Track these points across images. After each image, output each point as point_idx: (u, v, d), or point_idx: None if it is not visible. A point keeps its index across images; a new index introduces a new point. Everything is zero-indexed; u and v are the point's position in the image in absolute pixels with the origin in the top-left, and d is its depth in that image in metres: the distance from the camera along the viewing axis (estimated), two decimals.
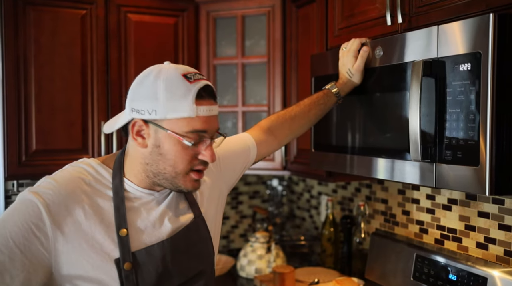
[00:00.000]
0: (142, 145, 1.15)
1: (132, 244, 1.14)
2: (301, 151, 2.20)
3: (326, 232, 2.44)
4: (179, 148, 1.14)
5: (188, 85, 1.12)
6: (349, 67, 1.61)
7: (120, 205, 1.15)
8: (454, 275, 1.64)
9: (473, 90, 1.21)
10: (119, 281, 1.11)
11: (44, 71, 2.14)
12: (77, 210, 1.10)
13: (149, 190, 1.21)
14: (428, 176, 1.35)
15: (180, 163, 1.15)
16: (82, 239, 1.10)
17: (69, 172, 1.16)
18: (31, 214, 1.06)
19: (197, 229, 1.27)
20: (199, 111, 1.12)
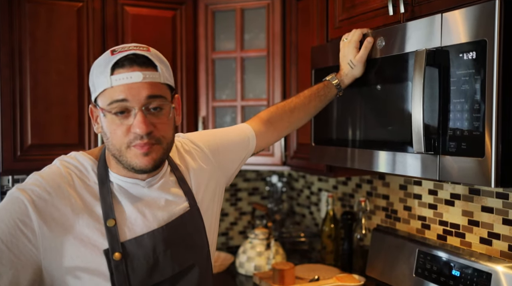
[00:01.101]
0: (98, 129, 1.16)
1: (121, 234, 1.12)
2: (301, 145, 2.16)
3: (327, 228, 2.40)
4: (109, 123, 1.10)
5: (110, 57, 1.10)
6: (350, 58, 1.58)
7: (106, 196, 1.13)
8: (457, 271, 1.61)
9: (478, 79, 1.18)
10: (109, 273, 1.08)
11: (40, 64, 2.10)
12: (64, 205, 1.08)
13: (132, 178, 1.18)
14: (431, 168, 1.31)
15: (115, 138, 1.10)
16: (70, 234, 1.08)
17: (56, 167, 1.15)
18: (17, 210, 1.04)
19: (192, 219, 1.24)
20: (115, 80, 1.07)
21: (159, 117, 1.12)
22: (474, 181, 1.19)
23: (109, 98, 1.08)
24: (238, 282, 2.29)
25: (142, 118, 1.08)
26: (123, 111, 1.09)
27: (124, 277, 1.09)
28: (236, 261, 2.43)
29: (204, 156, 1.38)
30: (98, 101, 1.12)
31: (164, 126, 1.14)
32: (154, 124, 1.11)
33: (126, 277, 1.09)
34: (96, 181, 1.15)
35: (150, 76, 1.10)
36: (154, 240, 1.15)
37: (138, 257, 1.12)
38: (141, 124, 1.07)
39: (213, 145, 1.42)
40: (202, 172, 1.34)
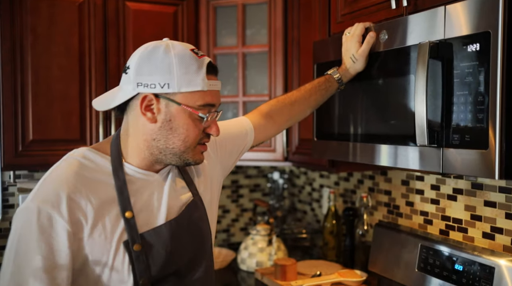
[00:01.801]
0: (151, 120, 1.15)
1: (139, 225, 1.14)
2: (303, 140, 2.16)
3: (328, 224, 2.40)
4: (190, 121, 1.15)
5: (198, 60, 1.14)
6: (353, 53, 1.58)
7: (123, 188, 1.14)
8: (460, 265, 1.60)
9: (482, 71, 1.17)
10: (129, 263, 1.11)
11: (41, 60, 2.09)
12: (82, 204, 1.09)
13: (148, 171, 1.21)
14: (435, 161, 1.31)
15: (190, 137, 1.17)
16: (92, 230, 1.09)
17: (65, 168, 1.14)
18: (44, 222, 1.05)
19: (196, 208, 1.27)
20: (209, 85, 1.15)
21: None
22: (478, 173, 1.19)
23: (202, 100, 1.15)
24: (240, 278, 2.29)
25: (217, 123, 1.21)
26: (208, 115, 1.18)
27: (144, 267, 1.12)
28: (238, 257, 2.42)
29: None
30: (175, 97, 1.13)
31: None
32: None
33: (147, 267, 1.13)
34: (109, 174, 1.15)
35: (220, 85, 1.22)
36: (171, 230, 1.18)
37: (157, 247, 1.15)
38: (218, 129, 1.21)
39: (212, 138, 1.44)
40: (201, 165, 1.36)
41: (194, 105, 1.14)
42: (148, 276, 1.12)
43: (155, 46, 1.14)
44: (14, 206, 2.35)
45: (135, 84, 1.13)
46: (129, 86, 1.15)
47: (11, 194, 2.35)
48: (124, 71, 1.17)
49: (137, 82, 1.13)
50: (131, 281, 1.11)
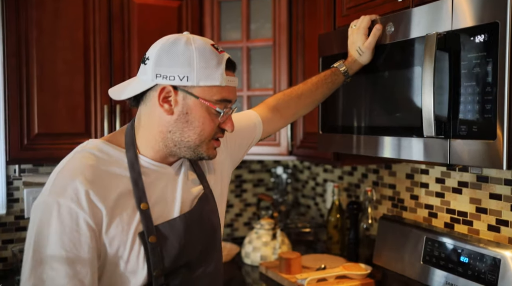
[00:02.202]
0: (168, 111, 1.15)
1: (154, 217, 1.15)
2: (308, 134, 2.16)
3: (333, 218, 2.41)
4: (207, 115, 1.16)
5: (218, 55, 1.15)
6: (359, 45, 1.58)
7: (138, 179, 1.15)
8: (466, 257, 1.61)
9: (490, 62, 1.17)
10: (144, 255, 1.12)
11: (46, 53, 2.10)
12: (100, 197, 1.08)
13: (162, 163, 1.21)
14: (442, 152, 1.31)
15: (206, 130, 1.18)
16: (109, 222, 1.09)
17: (79, 161, 1.13)
18: (66, 216, 1.05)
19: (207, 201, 1.29)
20: (228, 81, 1.16)
21: None
22: (485, 164, 1.19)
23: (219, 95, 1.16)
24: (244, 272, 2.30)
25: (232, 119, 1.22)
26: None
27: (159, 259, 1.13)
28: (242, 251, 2.43)
29: None
30: (194, 90, 1.14)
31: None
32: None
33: (161, 259, 1.13)
34: (124, 166, 1.15)
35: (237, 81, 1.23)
36: (185, 223, 1.19)
37: (171, 240, 1.16)
38: (233, 125, 1.22)
39: None
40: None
41: (212, 100, 1.15)
42: (162, 268, 1.13)
43: (176, 39, 1.15)
44: (19, 200, 2.36)
45: (154, 75, 1.14)
46: (148, 77, 1.15)
47: (15, 188, 2.35)
48: (143, 61, 1.18)
49: (156, 73, 1.13)
50: (145, 273, 1.12)
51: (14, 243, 2.33)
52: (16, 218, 2.36)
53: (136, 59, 2.22)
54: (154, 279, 1.12)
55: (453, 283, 1.63)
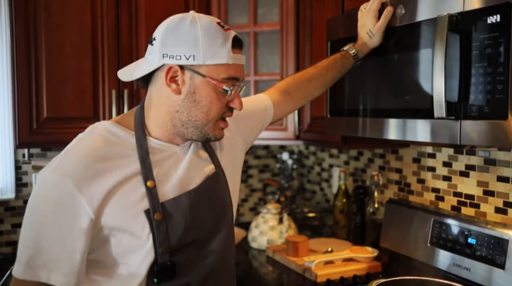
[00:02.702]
0: (176, 91, 1.16)
1: (160, 195, 1.16)
2: (315, 118, 2.17)
3: (339, 203, 2.42)
4: (214, 94, 1.16)
5: (224, 33, 1.15)
6: (369, 28, 1.58)
7: (145, 158, 1.16)
8: (473, 239, 1.63)
9: (502, 42, 1.18)
10: (150, 231, 1.13)
11: (54, 37, 2.10)
12: (104, 178, 1.10)
13: (170, 143, 1.22)
14: (452, 133, 1.32)
15: (213, 110, 1.18)
16: (113, 200, 1.11)
17: (88, 142, 1.15)
18: (62, 194, 1.07)
19: (218, 180, 1.30)
20: (234, 58, 1.16)
21: None
22: (496, 144, 1.21)
23: (226, 73, 1.16)
24: (251, 256, 2.32)
25: (240, 98, 1.21)
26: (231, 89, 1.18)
27: (164, 236, 1.14)
28: (249, 236, 2.45)
29: None
30: (199, 69, 1.14)
31: None
32: None
33: (166, 236, 1.14)
34: (132, 147, 1.17)
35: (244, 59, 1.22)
36: (191, 200, 1.20)
37: (176, 217, 1.16)
38: (241, 103, 1.21)
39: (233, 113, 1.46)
40: (224, 139, 1.37)
41: (218, 78, 1.15)
42: (168, 245, 1.14)
43: (181, 18, 1.15)
44: (27, 184, 2.37)
45: (161, 55, 1.14)
46: (155, 57, 1.16)
47: (24, 173, 2.37)
48: (150, 42, 1.18)
49: (162, 53, 1.14)
50: (151, 250, 1.13)
51: None
52: (25, 202, 2.38)
53: (143, 43, 2.23)
54: (159, 256, 1.13)
55: (460, 264, 1.65)
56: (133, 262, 1.14)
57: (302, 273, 2.00)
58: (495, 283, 1.53)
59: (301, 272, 2.01)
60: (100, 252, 1.14)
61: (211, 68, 1.14)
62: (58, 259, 1.08)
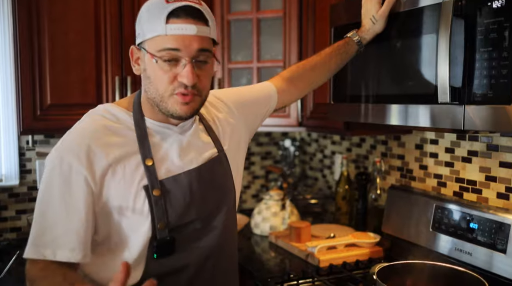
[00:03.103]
0: (137, 71, 1.21)
1: (159, 173, 1.19)
2: (318, 105, 2.17)
3: (341, 190, 2.44)
4: (158, 68, 1.15)
5: (164, 5, 1.13)
6: (373, 14, 1.58)
7: (144, 137, 1.20)
8: (475, 224, 1.64)
9: (507, 27, 1.18)
10: (149, 207, 1.16)
11: (58, 25, 2.10)
12: (104, 154, 1.15)
13: (166, 123, 1.24)
14: (456, 118, 1.33)
15: (159, 84, 1.16)
16: (114, 178, 1.15)
17: (88, 122, 1.21)
18: (65, 169, 1.12)
19: (221, 163, 1.32)
20: (169, 29, 1.12)
21: (203, 70, 1.18)
22: (500, 128, 1.21)
23: (160, 45, 1.13)
24: (254, 242, 2.34)
25: (191, 69, 1.14)
26: (171, 60, 1.14)
27: (162, 212, 1.17)
28: (251, 222, 2.47)
29: (229, 110, 1.45)
30: (145, 45, 1.16)
31: (206, 79, 1.20)
32: (199, 76, 1.16)
33: (164, 212, 1.17)
34: (130, 126, 1.21)
35: (201, 30, 1.15)
36: (190, 179, 1.22)
37: (175, 194, 1.19)
38: (190, 76, 1.13)
39: (237, 100, 1.49)
40: (227, 124, 1.41)
41: (154, 52, 1.14)
42: (166, 221, 1.17)
43: None
44: (31, 171, 2.39)
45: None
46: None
47: (28, 160, 2.38)
48: None
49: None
50: (149, 224, 1.17)
51: (28, 213, 2.37)
52: (28, 188, 2.39)
53: None
54: (158, 232, 1.17)
55: (462, 249, 1.67)
56: (135, 238, 1.17)
57: (305, 258, 2.02)
58: (496, 267, 1.55)
59: (304, 257, 2.03)
60: (104, 229, 1.18)
61: (150, 42, 1.14)
62: (63, 234, 1.11)
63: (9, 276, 1.90)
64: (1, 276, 1.91)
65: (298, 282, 1.73)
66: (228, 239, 1.34)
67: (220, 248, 1.30)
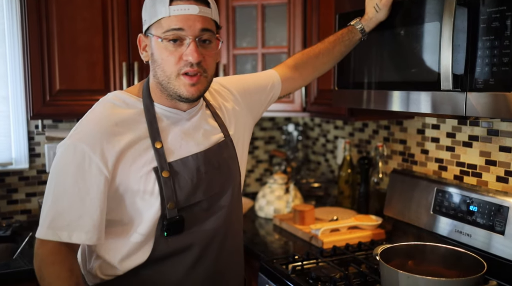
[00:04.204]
0: (146, 57, 1.27)
1: (168, 156, 1.24)
2: (322, 91, 2.21)
3: (344, 174, 2.49)
4: (164, 50, 1.21)
5: None
6: (376, 2, 1.61)
7: (153, 121, 1.25)
8: (475, 207, 1.69)
9: (509, 16, 1.22)
10: (158, 188, 1.22)
11: (66, 11, 2.12)
12: (116, 141, 1.20)
13: (175, 109, 1.30)
14: (458, 105, 1.37)
15: (166, 65, 1.21)
16: (126, 161, 1.21)
17: (99, 110, 1.26)
18: (79, 157, 1.17)
19: (227, 148, 1.37)
20: (173, 10, 1.18)
21: (207, 50, 1.23)
22: (501, 115, 1.25)
23: (165, 27, 1.19)
24: (258, 224, 2.40)
25: (195, 47, 1.19)
26: (176, 40, 1.19)
27: (171, 192, 1.22)
28: (256, 205, 2.53)
29: (233, 97, 1.51)
30: (151, 30, 1.22)
31: (211, 59, 1.25)
32: (203, 55, 1.22)
33: (173, 192, 1.23)
34: (140, 112, 1.26)
35: (203, 11, 1.20)
36: (198, 162, 1.28)
37: (183, 176, 1.25)
38: (194, 53, 1.18)
39: (242, 88, 1.55)
40: (232, 111, 1.47)
41: (160, 34, 1.20)
42: (175, 200, 1.23)
43: None
44: (40, 155, 2.43)
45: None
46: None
47: (36, 144, 2.43)
48: None
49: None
50: (159, 204, 1.22)
51: (38, 196, 2.43)
52: (38, 172, 2.44)
53: None
54: (168, 211, 1.23)
55: (462, 231, 1.72)
56: (146, 217, 1.23)
57: (309, 240, 2.08)
58: (495, 248, 1.60)
59: (307, 239, 2.09)
60: (117, 211, 1.24)
61: (156, 26, 1.21)
62: (79, 218, 1.17)
63: (22, 256, 1.96)
64: (15, 257, 1.97)
65: (303, 263, 1.78)
66: (233, 221, 1.39)
67: (225, 229, 1.35)
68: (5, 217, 2.38)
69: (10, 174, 2.39)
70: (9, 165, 2.36)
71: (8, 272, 1.83)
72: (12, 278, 1.83)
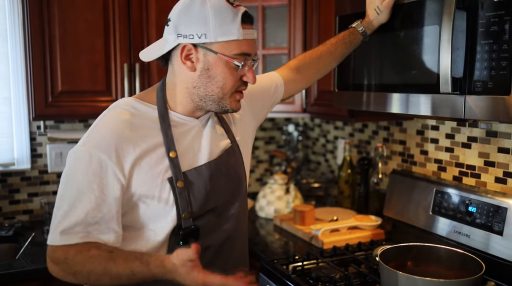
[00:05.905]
0: (191, 68, 1.24)
1: (182, 165, 1.25)
2: (322, 92, 2.23)
3: (344, 174, 2.50)
4: (227, 70, 1.23)
5: (233, 10, 1.20)
6: (377, 4, 1.63)
7: (168, 130, 1.25)
8: (473, 207, 1.71)
9: (507, 20, 1.23)
10: (173, 199, 1.23)
11: (67, 13, 2.13)
12: (131, 148, 1.20)
13: (190, 117, 1.30)
14: (457, 108, 1.38)
15: (227, 84, 1.24)
16: (141, 169, 1.21)
17: (113, 116, 1.25)
18: (96, 165, 1.16)
19: (234, 153, 1.39)
20: (245, 34, 1.21)
21: None
22: (499, 118, 1.27)
23: (237, 49, 1.21)
24: (258, 224, 2.41)
25: (254, 72, 1.26)
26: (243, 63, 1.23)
27: (186, 203, 1.24)
28: (256, 205, 2.54)
29: None
30: (212, 46, 1.21)
31: None
32: None
33: (188, 202, 1.24)
34: (153, 119, 1.26)
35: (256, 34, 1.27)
36: (210, 170, 1.29)
37: (198, 185, 1.26)
38: (254, 77, 1.27)
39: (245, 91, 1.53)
40: (237, 115, 1.48)
41: (230, 54, 1.22)
42: (190, 211, 1.24)
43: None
44: (42, 155, 2.45)
45: (176, 36, 1.22)
46: (171, 37, 1.24)
47: (38, 144, 2.44)
48: (166, 23, 1.27)
49: (177, 33, 1.22)
50: (175, 214, 1.23)
51: (39, 196, 2.44)
52: (40, 172, 2.46)
53: (153, 19, 2.26)
54: (183, 221, 1.24)
55: (460, 231, 1.74)
56: (160, 225, 1.24)
57: (309, 240, 2.10)
58: (493, 248, 1.62)
59: (308, 239, 2.11)
60: (130, 217, 1.24)
61: (223, 45, 1.21)
62: (95, 223, 1.17)
63: (25, 257, 1.98)
64: (17, 257, 1.99)
65: (303, 263, 1.80)
66: (241, 223, 1.42)
67: (236, 232, 1.38)
68: (7, 217, 2.40)
69: (12, 174, 2.40)
70: (11, 165, 2.38)
71: (11, 273, 1.84)
72: (14, 279, 1.85)
